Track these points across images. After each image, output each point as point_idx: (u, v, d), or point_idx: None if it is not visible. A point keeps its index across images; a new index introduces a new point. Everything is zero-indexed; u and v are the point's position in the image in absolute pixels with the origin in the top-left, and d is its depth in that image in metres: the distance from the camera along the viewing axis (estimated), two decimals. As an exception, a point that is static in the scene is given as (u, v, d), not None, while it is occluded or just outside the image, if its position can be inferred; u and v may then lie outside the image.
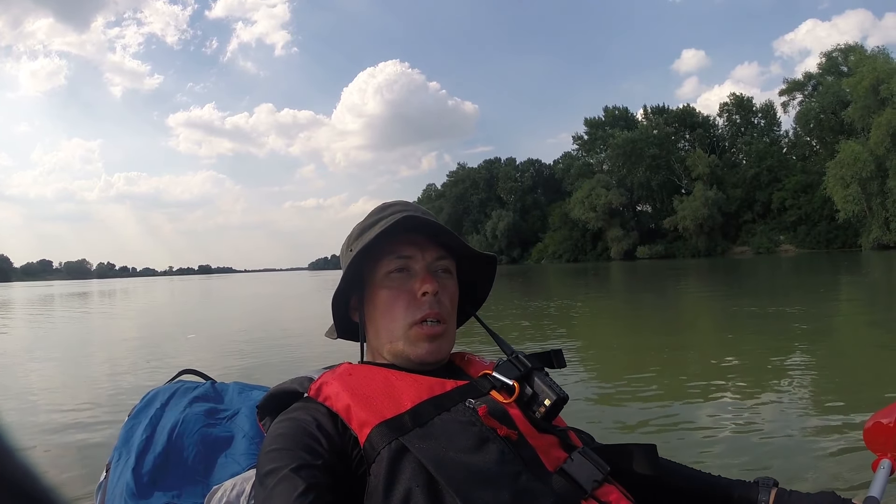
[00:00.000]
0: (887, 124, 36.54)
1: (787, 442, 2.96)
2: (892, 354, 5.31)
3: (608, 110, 66.18)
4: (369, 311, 0.91)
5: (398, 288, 0.88)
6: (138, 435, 1.12)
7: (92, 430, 3.72)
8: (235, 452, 1.12)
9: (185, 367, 1.46)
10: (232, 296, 28.18)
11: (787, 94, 49.14)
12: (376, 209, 0.97)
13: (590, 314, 11.07)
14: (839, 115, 43.49)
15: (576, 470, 0.76)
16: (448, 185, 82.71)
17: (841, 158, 38.74)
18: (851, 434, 2.91)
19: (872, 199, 38.11)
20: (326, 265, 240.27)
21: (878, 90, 37.95)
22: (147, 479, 1.03)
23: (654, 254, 56.46)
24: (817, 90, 46.11)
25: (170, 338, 9.68)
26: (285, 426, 0.76)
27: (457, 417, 0.76)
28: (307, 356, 6.47)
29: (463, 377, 0.87)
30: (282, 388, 0.85)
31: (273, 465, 0.71)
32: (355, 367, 0.85)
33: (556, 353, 0.93)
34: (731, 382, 4.37)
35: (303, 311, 15.13)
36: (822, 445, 2.85)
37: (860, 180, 37.87)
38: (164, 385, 1.32)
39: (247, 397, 1.29)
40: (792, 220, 47.76)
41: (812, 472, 2.49)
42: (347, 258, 0.92)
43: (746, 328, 7.48)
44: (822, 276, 18.33)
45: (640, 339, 7.27)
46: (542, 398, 0.82)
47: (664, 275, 24.96)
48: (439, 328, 0.88)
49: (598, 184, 59.76)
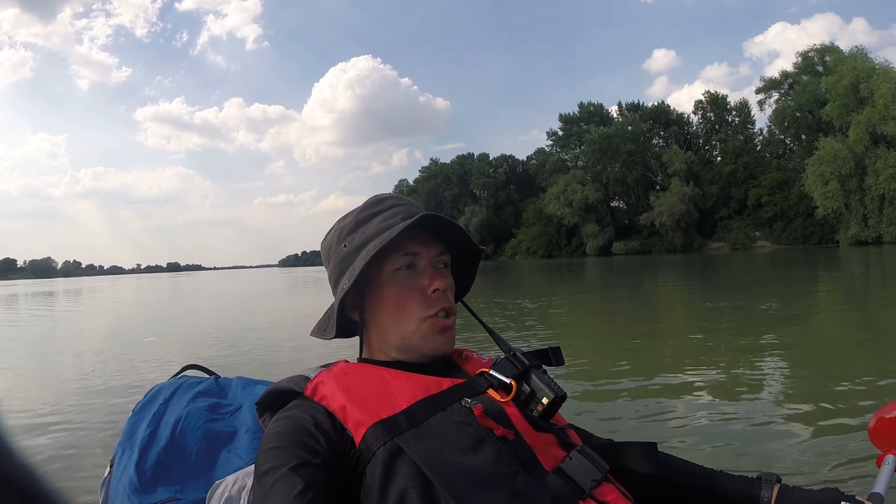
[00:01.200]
0: (867, 122, 37.32)
1: (784, 435, 2.93)
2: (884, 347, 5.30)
3: (583, 106, 66.02)
4: (374, 309, 0.89)
5: (408, 285, 0.88)
6: (142, 430, 1.13)
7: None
8: (238, 447, 1.13)
9: (189, 363, 1.46)
10: (202, 295, 26.56)
11: (763, 92, 49.79)
12: (370, 202, 0.93)
13: (575, 311, 10.93)
14: (815, 114, 44.29)
15: (574, 469, 0.76)
16: (420, 180, 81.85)
17: (820, 155, 39.37)
18: (850, 428, 2.89)
19: (851, 196, 38.82)
20: (297, 262, 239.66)
21: (858, 89, 38.67)
22: (150, 475, 1.05)
23: (630, 250, 56.53)
24: (793, 89, 46.84)
25: (127, 342, 8.82)
26: (283, 424, 0.76)
27: (452, 417, 0.75)
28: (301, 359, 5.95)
29: (460, 375, 0.87)
30: (279, 387, 0.85)
31: (271, 463, 0.70)
32: (351, 366, 0.84)
33: (555, 350, 0.93)
34: (728, 380, 4.28)
35: (283, 311, 14.06)
36: (823, 441, 2.78)
37: (839, 177, 38.53)
38: (168, 380, 1.33)
39: (250, 392, 1.28)
40: (768, 217, 48.38)
41: (809, 467, 2.46)
42: (340, 253, 0.90)
43: (735, 324, 7.40)
44: (812, 270, 18.24)
45: (621, 334, 7.18)
46: (539, 396, 0.82)
47: (643, 271, 24.98)
48: (450, 321, 0.89)
49: (574, 179, 59.60)
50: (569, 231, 62.72)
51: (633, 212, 59.45)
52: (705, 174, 54.66)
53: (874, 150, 37.73)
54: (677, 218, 52.48)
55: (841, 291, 11.68)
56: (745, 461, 2.58)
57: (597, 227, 59.37)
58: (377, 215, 0.89)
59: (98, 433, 3.55)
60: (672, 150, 55.92)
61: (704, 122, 60.25)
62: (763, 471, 0.92)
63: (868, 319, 7.51)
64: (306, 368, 0.85)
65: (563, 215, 59.85)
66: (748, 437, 2.96)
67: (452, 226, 0.89)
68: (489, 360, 0.90)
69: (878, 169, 37.07)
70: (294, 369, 0.87)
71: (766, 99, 49.47)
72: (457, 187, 76.37)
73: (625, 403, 3.73)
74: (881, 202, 37.64)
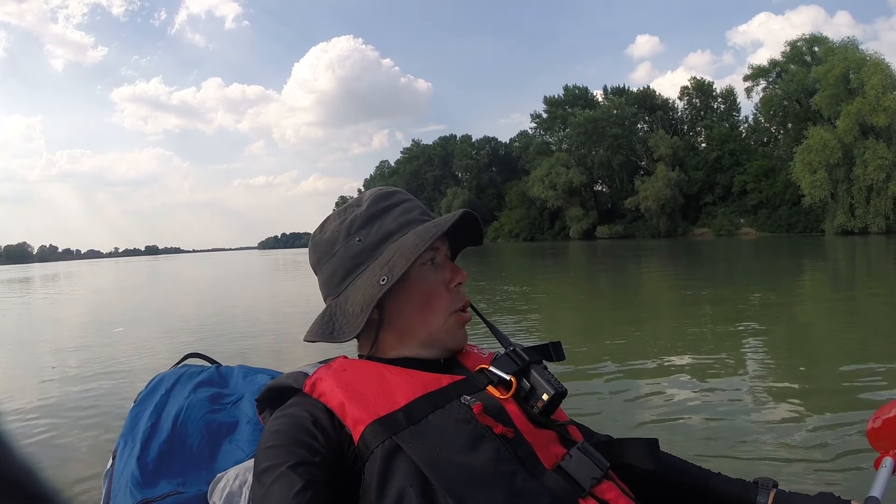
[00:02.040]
0: (857, 113, 37.67)
1: (777, 434, 2.92)
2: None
3: (568, 89, 65.55)
4: (396, 306, 0.86)
5: (435, 281, 0.88)
6: (143, 422, 1.13)
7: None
8: (240, 438, 1.14)
9: (190, 351, 1.46)
10: (180, 279, 25.95)
11: (751, 79, 49.94)
12: (378, 196, 0.90)
13: (565, 295, 10.98)
14: (803, 103, 44.65)
15: (574, 467, 0.75)
16: (402, 161, 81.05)
17: (809, 144, 39.65)
18: (847, 430, 2.89)
19: (839, 186, 39.34)
20: (276, 244, 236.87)
21: (849, 79, 39.01)
22: (152, 468, 1.05)
23: (614, 234, 56.80)
24: (781, 77, 47.10)
25: (93, 331, 8.69)
26: (282, 422, 0.75)
27: (451, 415, 0.75)
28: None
29: (460, 371, 0.86)
30: (278, 383, 0.84)
31: (270, 461, 0.70)
32: (350, 363, 0.83)
33: (555, 345, 0.93)
34: (717, 370, 4.32)
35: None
36: (819, 444, 2.76)
37: (827, 166, 38.98)
38: (170, 370, 1.33)
39: (251, 381, 1.29)
40: (753, 204, 48.91)
41: (804, 470, 2.45)
42: (353, 248, 0.86)
43: (725, 312, 7.36)
44: (801, 259, 18.44)
45: (608, 320, 7.33)
46: (539, 393, 0.82)
47: (629, 255, 25.09)
48: (468, 314, 0.90)
49: (559, 162, 59.39)
50: (552, 214, 62.73)
51: (618, 196, 59.51)
52: (690, 160, 54.94)
53: (863, 140, 38.18)
54: (662, 203, 52.70)
55: (828, 280, 11.91)
56: (734, 456, 2.61)
57: (581, 210, 59.44)
58: (391, 209, 0.87)
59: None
60: (658, 135, 55.94)
61: (690, 107, 60.44)
62: (760, 476, 0.92)
63: (854, 309, 7.55)
64: (305, 364, 0.84)
65: (547, 198, 59.72)
66: (739, 431, 2.97)
67: (478, 224, 0.93)
68: (489, 356, 0.89)
69: (867, 160, 37.59)
70: (276, 356, 0.86)
71: (753, 86, 49.60)
72: (439, 169, 75.72)
73: (606, 392, 3.79)
74: (868, 193, 38.24)
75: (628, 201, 55.76)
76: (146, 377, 1.33)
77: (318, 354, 0.91)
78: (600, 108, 60.17)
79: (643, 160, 58.64)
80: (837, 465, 2.48)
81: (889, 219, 37.62)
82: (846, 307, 7.68)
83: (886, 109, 36.47)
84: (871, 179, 37.65)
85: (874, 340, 5.23)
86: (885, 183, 37.28)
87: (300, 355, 5.05)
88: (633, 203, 55.25)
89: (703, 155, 54.52)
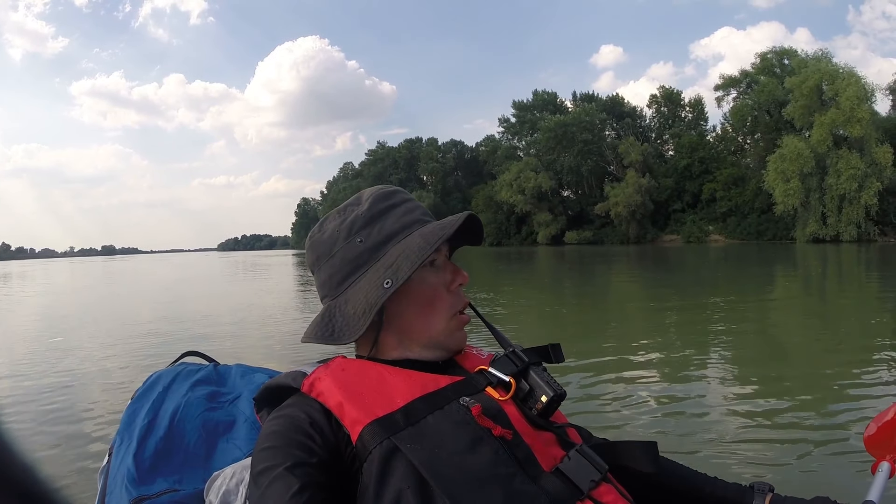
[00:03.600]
0: (830, 123, 38.51)
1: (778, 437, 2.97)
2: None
3: (537, 94, 65.25)
4: (398, 307, 0.84)
5: (436, 283, 0.86)
6: (140, 419, 1.13)
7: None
8: (237, 437, 1.14)
9: (188, 350, 1.45)
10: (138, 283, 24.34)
11: (721, 89, 50.84)
12: (379, 196, 0.88)
13: (535, 300, 10.87)
14: (773, 113, 45.61)
15: (572, 469, 0.75)
16: (366, 163, 79.09)
17: (783, 153, 40.29)
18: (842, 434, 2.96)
19: (811, 195, 40.06)
20: (236, 246, 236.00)
21: (823, 90, 39.85)
22: (148, 465, 1.05)
23: (583, 239, 56.50)
24: (752, 88, 48.01)
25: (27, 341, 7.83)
26: (279, 423, 0.75)
27: (450, 416, 0.74)
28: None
29: (459, 372, 0.85)
30: (276, 383, 0.83)
31: (267, 463, 0.70)
32: (349, 363, 0.82)
33: (555, 347, 0.91)
34: (718, 375, 4.39)
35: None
36: (816, 448, 2.78)
37: (801, 175, 39.64)
38: (167, 368, 1.32)
39: (249, 380, 1.28)
40: (722, 212, 49.52)
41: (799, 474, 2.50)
42: (354, 249, 0.85)
43: (723, 314, 7.50)
44: (776, 266, 18.70)
45: (587, 327, 7.19)
46: (538, 394, 0.81)
47: (599, 261, 25.32)
48: (467, 316, 0.89)
49: (527, 166, 58.68)
50: (519, 219, 61.97)
51: (586, 202, 59.33)
52: (658, 167, 55.29)
53: (836, 150, 39.05)
54: (633, 209, 52.67)
55: (800, 286, 12.22)
56: (728, 461, 2.65)
57: (549, 215, 58.76)
58: (393, 209, 0.86)
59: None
60: (629, 141, 55.97)
61: (658, 115, 61.06)
62: (755, 480, 0.93)
63: (823, 313, 7.79)
64: (304, 363, 0.83)
65: (515, 202, 58.88)
66: (732, 435, 3.01)
67: (479, 228, 0.92)
68: (488, 357, 0.89)
69: (841, 169, 38.44)
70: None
71: (724, 96, 50.47)
72: (404, 172, 74.00)
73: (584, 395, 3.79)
74: (841, 202, 39.11)
75: (598, 207, 55.45)
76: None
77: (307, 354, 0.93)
78: (571, 114, 59.94)
79: (612, 166, 58.66)
80: (833, 469, 2.49)
81: (861, 227, 38.51)
82: (846, 307, 7.94)
83: (861, 120, 37.35)
84: (843, 189, 38.52)
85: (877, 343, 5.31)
86: (857, 192, 38.20)
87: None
88: (602, 209, 54.98)
89: (673, 162, 54.97)
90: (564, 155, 58.82)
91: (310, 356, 0.79)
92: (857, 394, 3.66)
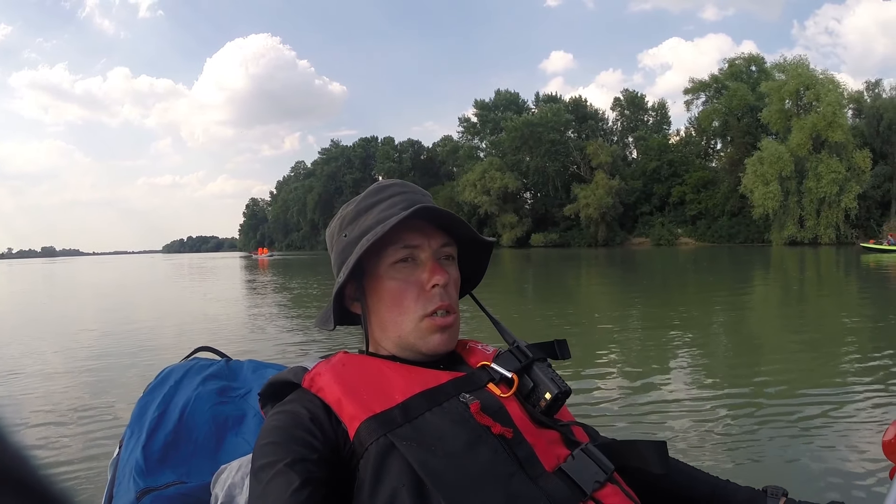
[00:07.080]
0: (811, 127, 39.26)
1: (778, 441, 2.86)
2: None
3: (499, 93, 64.23)
4: (373, 303, 0.85)
5: (405, 280, 0.83)
6: (151, 412, 1.14)
7: None
8: (246, 431, 1.15)
9: (201, 345, 1.45)
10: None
11: (691, 93, 51.51)
12: (374, 189, 0.88)
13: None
14: (742, 118, 46.45)
15: (576, 469, 0.72)
16: (319, 162, 75.03)
17: (761, 156, 40.81)
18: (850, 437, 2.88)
19: (790, 198, 40.76)
20: (182, 248, 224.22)
21: (802, 95, 40.66)
22: (157, 457, 1.06)
23: (549, 242, 55.65)
24: (721, 93, 48.77)
25: None
26: (280, 419, 0.74)
27: (449, 413, 0.73)
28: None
29: (463, 368, 0.84)
30: (279, 378, 0.83)
31: (267, 459, 0.69)
32: (350, 358, 0.81)
33: (560, 342, 0.89)
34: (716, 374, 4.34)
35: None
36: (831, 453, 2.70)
37: (779, 178, 40.22)
38: (179, 363, 1.33)
39: (261, 376, 1.29)
40: (692, 215, 50.02)
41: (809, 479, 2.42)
42: (341, 243, 0.86)
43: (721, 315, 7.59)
44: (758, 270, 18.14)
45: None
46: (542, 391, 0.79)
47: (573, 265, 24.76)
48: (450, 319, 0.84)
49: (492, 167, 57.03)
50: (481, 220, 59.85)
51: (551, 203, 58.52)
52: (624, 170, 55.27)
53: (815, 154, 39.87)
54: (603, 211, 52.24)
55: (785, 288, 12.05)
56: (740, 463, 2.60)
57: (515, 217, 57.47)
58: (377, 204, 0.85)
59: None
60: (597, 143, 55.67)
61: (622, 118, 61.35)
62: (769, 484, 0.89)
63: (801, 313, 7.89)
64: (305, 359, 0.83)
65: (479, 203, 57.00)
66: (746, 437, 2.92)
67: (452, 218, 0.84)
68: (493, 352, 0.86)
69: (821, 173, 39.27)
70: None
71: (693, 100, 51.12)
72: (358, 171, 70.96)
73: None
74: (819, 205, 40.02)
75: (567, 209, 54.72)
76: None
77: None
78: (538, 114, 59.02)
79: (579, 167, 58.16)
80: (851, 474, 2.43)
81: (840, 230, 39.45)
82: (842, 308, 7.97)
83: (842, 126, 38.28)
84: (823, 192, 39.43)
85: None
86: (837, 196, 39.11)
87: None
88: (571, 210, 54.29)
89: (640, 165, 55.11)
90: (531, 155, 57.78)
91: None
92: (877, 398, 3.53)
